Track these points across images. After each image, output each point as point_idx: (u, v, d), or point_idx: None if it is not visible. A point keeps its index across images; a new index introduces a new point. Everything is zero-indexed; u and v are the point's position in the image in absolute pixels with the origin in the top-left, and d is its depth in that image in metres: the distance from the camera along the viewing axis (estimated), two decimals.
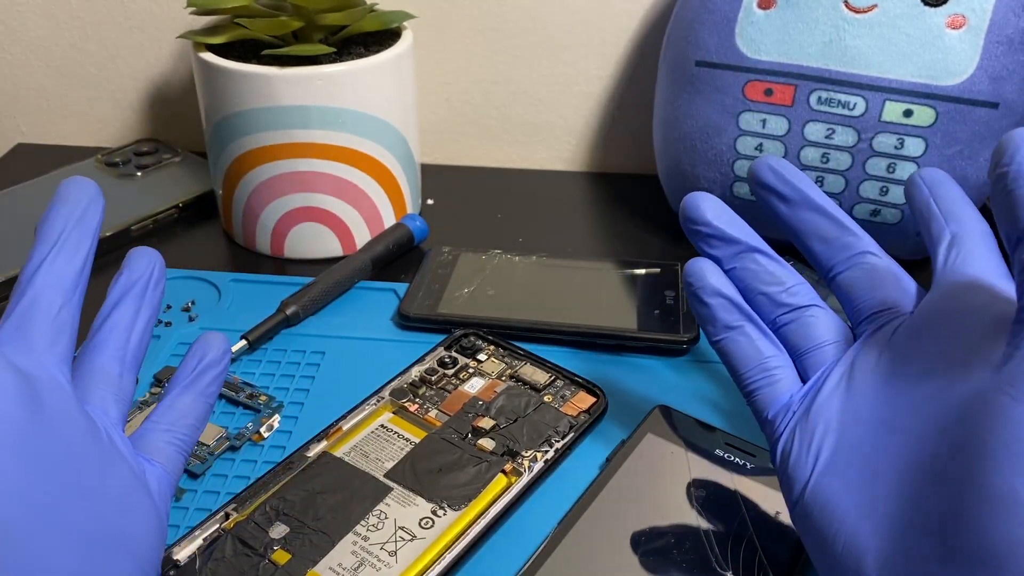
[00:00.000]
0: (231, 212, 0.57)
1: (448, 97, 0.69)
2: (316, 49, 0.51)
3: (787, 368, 0.33)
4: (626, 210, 0.65)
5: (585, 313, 0.50)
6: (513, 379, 0.44)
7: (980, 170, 0.52)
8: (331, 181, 0.54)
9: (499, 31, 0.66)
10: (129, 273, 0.33)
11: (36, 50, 0.69)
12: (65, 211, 0.31)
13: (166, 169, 0.64)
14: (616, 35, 0.66)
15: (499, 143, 0.71)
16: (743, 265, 0.35)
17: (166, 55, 0.69)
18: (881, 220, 0.53)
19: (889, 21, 0.50)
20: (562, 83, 0.68)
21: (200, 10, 0.53)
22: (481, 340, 0.47)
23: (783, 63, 0.52)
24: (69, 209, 0.31)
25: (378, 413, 0.42)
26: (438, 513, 0.36)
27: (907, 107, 0.50)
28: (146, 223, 0.59)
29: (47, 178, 0.63)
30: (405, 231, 0.56)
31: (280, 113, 0.51)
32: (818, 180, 0.53)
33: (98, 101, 0.71)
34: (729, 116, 0.54)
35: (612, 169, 0.71)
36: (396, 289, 0.53)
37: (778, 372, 0.33)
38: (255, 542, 0.35)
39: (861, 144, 0.51)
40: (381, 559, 0.34)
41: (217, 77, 0.51)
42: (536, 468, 0.39)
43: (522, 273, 0.54)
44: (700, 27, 0.54)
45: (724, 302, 0.34)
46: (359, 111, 0.52)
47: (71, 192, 0.32)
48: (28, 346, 0.28)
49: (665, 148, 0.58)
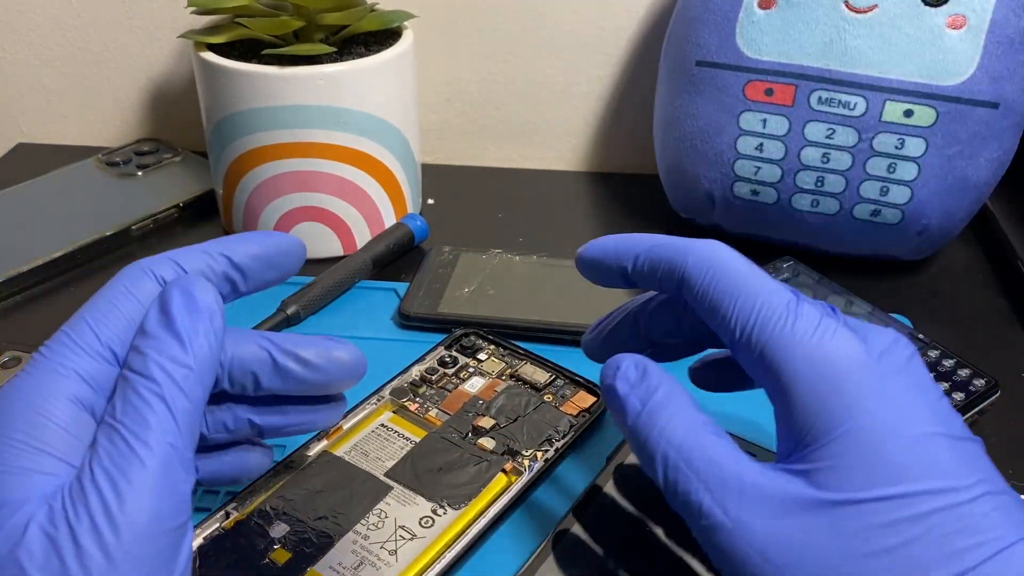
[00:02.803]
0: (232, 212, 0.57)
1: (448, 97, 0.69)
2: (317, 49, 0.51)
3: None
4: (626, 210, 0.65)
5: (585, 313, 0.49)
6: (513, 378, 0.44)
7: (980, 170, 0.52)
8: (332, 181, 0.54)
9: (499, 31, 0.66)
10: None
11: (36, 50, 0.69)
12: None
13: (166, 169, 0.64)
14: (616, 35, 0.66)
15: (499, 143, 0.71)
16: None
17: (166, 55, 0.69)
18: (882, 220, 0.53)
19: (889, 21, 0.50)
20: (562, 83, 0.68)
21: (200, 10, 0.53)
22: (481, 339, 0.47)
23: (783, 63, 0.52)
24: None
25: (378, 412, 0.42)
26: (438, 512, 0.36)
27: (908, 107, 0.50)
28: (147, 223, 0.59)
29: (47, 178, 0.63)
30: (406, 231, 0.56)
31: (280, 113, 0.51)
32: (818, 180, 0.53)
33: (98, 101, 0.71)
34: (730, 116, 0.54)
35: (612, 169, 0.71)
36: (397, 289, 0.53)
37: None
38: (255, 541, 0.35)
39: (862, 144, 0.51)
40: (381, 558, 0.34)
41: (218, 77, 0.51)
42: (536, 467, 0.39)
43: (522, 273, 0.54)
44: (700, 27, 0.54)
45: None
46: (360, 111, 0.52)
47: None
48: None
49: (665, 148, 0.58)
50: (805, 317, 0.29)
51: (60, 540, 0.23)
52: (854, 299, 0.49)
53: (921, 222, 0.53)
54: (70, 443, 0.25)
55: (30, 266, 0.53)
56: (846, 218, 0.53)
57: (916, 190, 0.52)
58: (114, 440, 0.25)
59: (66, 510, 0.24)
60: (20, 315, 0.51)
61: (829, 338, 0.29)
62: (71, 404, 0.26)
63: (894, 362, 0.29)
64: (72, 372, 0.26)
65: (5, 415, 0.25)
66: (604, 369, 0.32)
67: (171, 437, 0.25)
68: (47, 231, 0.56)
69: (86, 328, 0.27)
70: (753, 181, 0.54)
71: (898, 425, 0.27)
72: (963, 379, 0.43)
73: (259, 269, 0.31)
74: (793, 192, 0.54)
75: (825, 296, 0.50)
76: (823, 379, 0.28)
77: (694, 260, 0.32)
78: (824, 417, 0.27)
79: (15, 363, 0.44)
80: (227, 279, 0.30)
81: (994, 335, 0.52)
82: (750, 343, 0.29)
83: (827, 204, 0.53)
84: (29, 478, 0.24)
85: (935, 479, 0.26)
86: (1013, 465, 0.42)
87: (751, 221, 0.57)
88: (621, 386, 0.31)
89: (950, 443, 0.27)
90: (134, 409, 0.25)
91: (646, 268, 0.33)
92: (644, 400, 0.30)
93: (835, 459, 0.27)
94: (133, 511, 0.24)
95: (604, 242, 0.35)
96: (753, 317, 0.30)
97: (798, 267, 0.52)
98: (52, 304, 0.52)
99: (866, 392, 0.28)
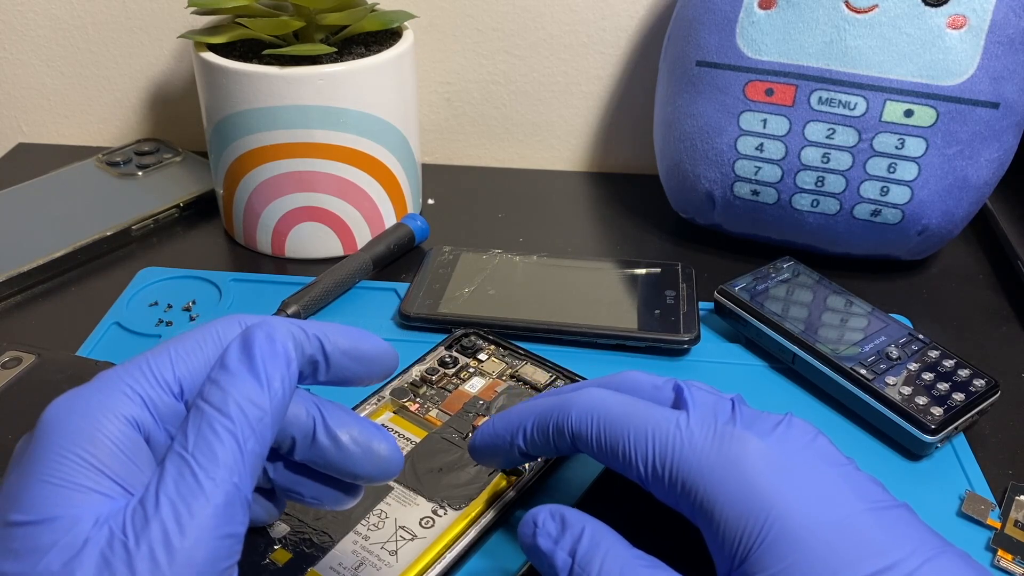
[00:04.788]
0: (232, 212, 0.57)
1: (448, 97, 0.69)
2: (317, 49, 0.51)
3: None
4: (626, 210, 0.65)
5: (585, 313, 0.50)
6: (514, 379, 0.44)
7: (980, 170, 0.52)
8: (332, 181, 0.54)
9: (499, 31, 0.66)
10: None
11: (37, 50, 0.69)
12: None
13: (167, 169, 0.64)
14: (616, 35, 0.66)
15: (499, 143, 0.71)
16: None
17: (167, 55, 0.69)
18: (882, 220, 0.53)
19: (889, 21, 0.50)
20: (562, 83, 0.68)
21: (201, 10, 0.53)
22: (482, 340, 0.47)
23: (784, 63, 0.52)
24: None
25: (379, 412, 0.42)
26: (438, 512, 0.36)
27: (908, 107, 0.50)
28: (147, 223, 0.59)
29: (47, 178, 0.63)
30: (406, 231, 0.56)
31: (281, 113, 0.51)
32: (818, 180, 0.53)
33: (98, 101, 0.71)
34: (730, 116, 0.54)
35: (612, 169, 0.71)
36: (397, 289, 0.53)
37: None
38: (255, 542, 0.35)
39: (862, 144, 0.51)
40: (381, 558, 0.34)
41: (218, 77, 0.51)
42: (536, 468, 0.39)
43: (522, 273, 0.54)
44: (701, 27, 0.54)
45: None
46: (360, 111, 0.52)
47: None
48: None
49: (665, 148, 0.58)
50: (698, 431, 0.30)
51: (116, 564, 0.23)
52: (854, 299, 0.49)
53: (921, 222, 0.53)
54: (127, 467, 0.25)
55: (30, 266, 0.53)
56: (846, 218, 0.54)
57: (916, 190, 0.52)
58: (183, 471, 0.24)
59: (126, 535, 0.23)
60: (20, 315, 0.51)
61: (728, 445, 0.29)
62: (131, 428, 0.25)
63: (798, 446, 0.29)
64: (138, 397, 0.26)
65: (66, 426, 0.25)
66: (522, 529, 0.32)
67: (237, 476, 0.25)
68: (47, 231, 0.56)
69: (166, 360, 0.27)
70: (753, 181, 0.54)
71: (823, 513, 0.27)
72: (963, 379, 0.44)
73: (346, 365, 0.29)
74: (793, 192, 0.54)
75: (825, 296, 0.50)
76: (737, 485, 0.28)
77: (577, 414, 0.32)
78: (751, 524, 0.27)
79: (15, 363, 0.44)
80: (312, 361, 0.28)
81: (994, 335, 0.52)
82: (657, 474, 0.30)
83: (827, 204, 0.53)
84: (87, 496, 0.24)
85: (878, 558, 0.26)
86: (1013, 465, 0.42)
87: (751, 221, 0.57)
88: (544, 543, 0.30)
89: (876, 517, 0.27)
90: (206, 443, 0.25)
91: (537, 437, 0.33)
92: (572, 550, 0.30)
93: (774, 565, 0.27)
94: (192, 547, 0.23)
95: (488, 426, 0.35)
96: (649, 449, 0.30)
97: (798, 267, 0.52)
98: (52, 304, 0.52)
99: (782, 487, 0.28)
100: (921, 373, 0.44)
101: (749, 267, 0.52)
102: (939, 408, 0.42)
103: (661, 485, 0.30)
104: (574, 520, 0.30)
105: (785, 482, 0.28)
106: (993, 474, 0.41)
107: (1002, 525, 0.38)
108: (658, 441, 0.30)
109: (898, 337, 0.46)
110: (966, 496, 0.39)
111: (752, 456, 0.28)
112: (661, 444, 0.30)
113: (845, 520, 0.27)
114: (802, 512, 0.27)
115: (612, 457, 0.31)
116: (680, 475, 0.29)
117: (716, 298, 0.50)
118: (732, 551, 0.28)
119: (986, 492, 0.40)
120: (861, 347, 0.45)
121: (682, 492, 0.29)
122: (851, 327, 0.47)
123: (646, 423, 0.30)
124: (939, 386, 0.43)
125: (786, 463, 0.28)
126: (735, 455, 0.29)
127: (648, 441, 0.30)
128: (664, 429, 0.30)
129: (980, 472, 0.41)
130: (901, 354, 0.45)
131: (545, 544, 0.30)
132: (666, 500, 0.30)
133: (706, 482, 0.29)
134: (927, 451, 0.42)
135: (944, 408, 0.42)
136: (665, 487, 0.30)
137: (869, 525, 0.27)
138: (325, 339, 0.28)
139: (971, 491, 0.40)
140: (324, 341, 0.28)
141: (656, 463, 0.30)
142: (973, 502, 0.39)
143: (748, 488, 0.28)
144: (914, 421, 0.41)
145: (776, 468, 0.28)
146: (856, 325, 0.47)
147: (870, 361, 0.44)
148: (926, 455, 0.42)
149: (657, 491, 0.30)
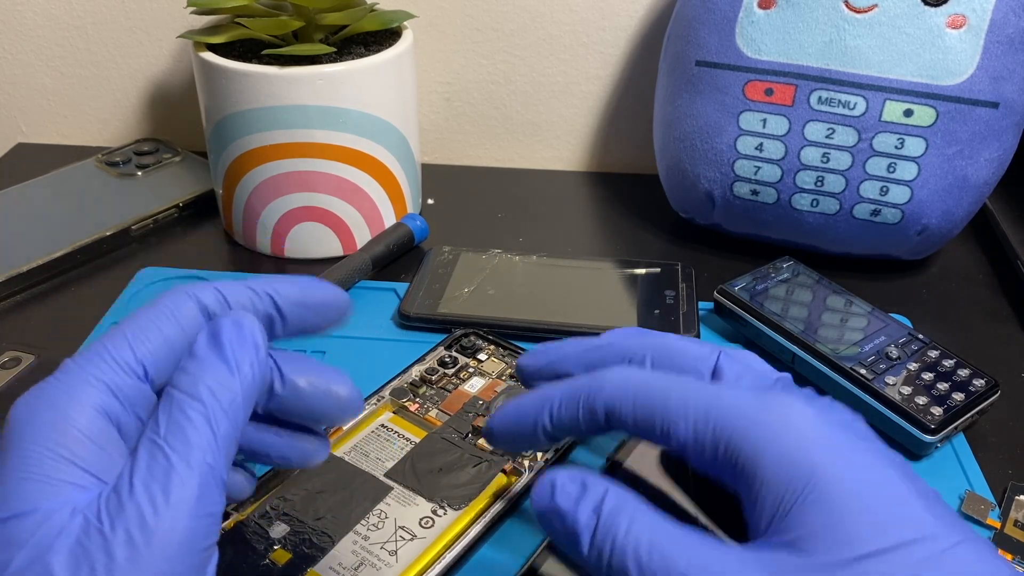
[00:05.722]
0: (231, 212, 0.57)
1: (448, 97, 0.69)
2: (316, 49, 0.51)
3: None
4: (626, 210, 0.65)
5: (585, 313, 0.50)
6: (513, 378, 0.44)
7: (980, 170, 0.52)
8: (331, 181, 0.54)
9: (499, 31, 0.66)
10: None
11: (36, 50, 0.69)
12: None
13: (166, 169, 0.64)
14: (616, 35, 0.66)
15: (499, 143, 0.71)
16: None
17: (166, 55, 0.69)
18: (881, 220, 0.53)
19: (889, 21, 0.50)
20: (562, 83, 0.68)
21: (200, 10, 0.53)
22: (481, 339, 0.47)
23: (783, 63, 0.52)
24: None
25: (378, 413, 0.42)
26: (438, 513, 0.36)
27: (907, 107, 0.50)
28: (147, 223, 0.59)
29: (47, 178, 0.63)
30: (405, 231, 0.56)
31: (280, 113, 0.51)
32: (818, 180, 0.53)
33: (98, 101, 0.71)
34: (729, 116, 0.54)
35: (612, 169, 0.71)
36: (396, 289, 0.53)
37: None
38: (255, 542, 0.35)
39: (861, 144, 0.51)
40: (381, 559, 0.34)
41: (217, 77, 0.51)
42: (536, 468, 0.39)
43: (522, 273, 0.54)
44: (700, 27, 0.54)
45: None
46: (359, 111, 0.52)
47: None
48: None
49: (665, 148, 0.58)
50: (743, 394, 0.29)
51: (93, 551, 0.23)
52: (854, 299, 0.49)
53: (921, 222, 0.53)
54: (99, 456, 0.25)
55: (30, 266, 0.53)
56: (846, 218, 0.54)
57: (916, 190, 0.52)
58: (155, 456, 0.24)
59: (101, 521, 0.23)
60: (20, 315, 0.51)
61: (774, 407, 0.29)
62: (100, 416, 0.25)
63: (842, 419, 0.29)
64: (103, 384, 0.26)
65: (35, 420, 0.25)
66: (537, 491, 0.29)
67: (211, 458, 0.25)
68: (47, 231, 0.56)
69: (124, 343, 0.27)
70: (753, 181, 0.54)
71: (866, 475, 0.27)
72: (963, 379, 0.44)
73: (301, 315, 0.30)
74: (793, 192, 0.54)
75: (825, 296, 0.50)
76: (782, 445, 0.28)
77: (612, 388, 0.31)
78: (795, 482, 0.27)
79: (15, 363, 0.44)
80: (268, 318, 0.29)
81: (994, 335, 0.52)
82: (700, 438, 0.29)
83: (827, 204, 0.53)
84: (61, 488, 0.24)
85: (915, 530, 0.26)
86: (1013, 465, 0.42)
87: (751, 221, 0.57)
88: (565, 503, 0.28)
89: (916, 490, 0.27)
90: (178, 427, 0.25)
91: (565, 414, 0.32)
92: (596, 509, 0.28)
93: (815, 523, 0.26)
94: (169, 528, 0.23)
95: (509, 408, 0.33)
96: (691, 412, 0.29)
97: (798, 267, 0.52)
98: (52, 304, 0.52)
99: (827, 448, 0.28)
100: (921, 373, 0.44)
101: (749, 267, 0.52)
102: (939, 408, 0.42)
103: (702, 450, 0.29)
104: (595, 482, 0.29)
105: (830, 443, 0.28)
106: (993, 474, 0.41)
107: (1002, 525, 0.38)
108: (700, 404, 0.29)
109: (898, 337, 0.46)
110: (966, 496, 0.39)
111: (797, 417, 0.28)
112: (704, 407, 0.29)
113: (887, 485, 0.27)
114: (845, 473, 0.27)
115: (649, 427, 0.30)
116: (723, 437, 0.28)
117: (716, 298, 0.50)
118: (773, 511, 0.27)
119: (986, 492, 0.40)
120: (861, 347, 0.45)
121: (724, 455, 0.29)
122: (851, 327, 0.47)
123: (685, 388, 0.30)
124: (939, 386, 0.43)
125: (831, 428, 0.28)
126: (780, 415, 0.28)
127: (689, 406, 0.29)
128: (707, 392, 0.30)
129: (980, 472, 0.41)
130: (901, 354, 0.45)
131: (565, 503, 0.28)
132: (705, 466, 0.30)
133: (751, 442, 0.28)
134: (927, 451, 0.42)
135: (944, 408, 0.42)
136: (707, 452, 0.29)
137: (910, 497, 0.27)
138: (275, 293, 0.29)
139: (971, 491, 0.40)
140: (275, 295, 0.29)
141: (698, 426, 0.29)
142: (973, 502, 0.39)
143: (793, 446, 0.28)
144: (914, 421, 0.41)
145: (821, 430, 0.28)
146: (856, 325, 0.47)
147: (870, 361, 0.44)
148: (926, 455, 0.42)
149: (696, 457, 0.30)
